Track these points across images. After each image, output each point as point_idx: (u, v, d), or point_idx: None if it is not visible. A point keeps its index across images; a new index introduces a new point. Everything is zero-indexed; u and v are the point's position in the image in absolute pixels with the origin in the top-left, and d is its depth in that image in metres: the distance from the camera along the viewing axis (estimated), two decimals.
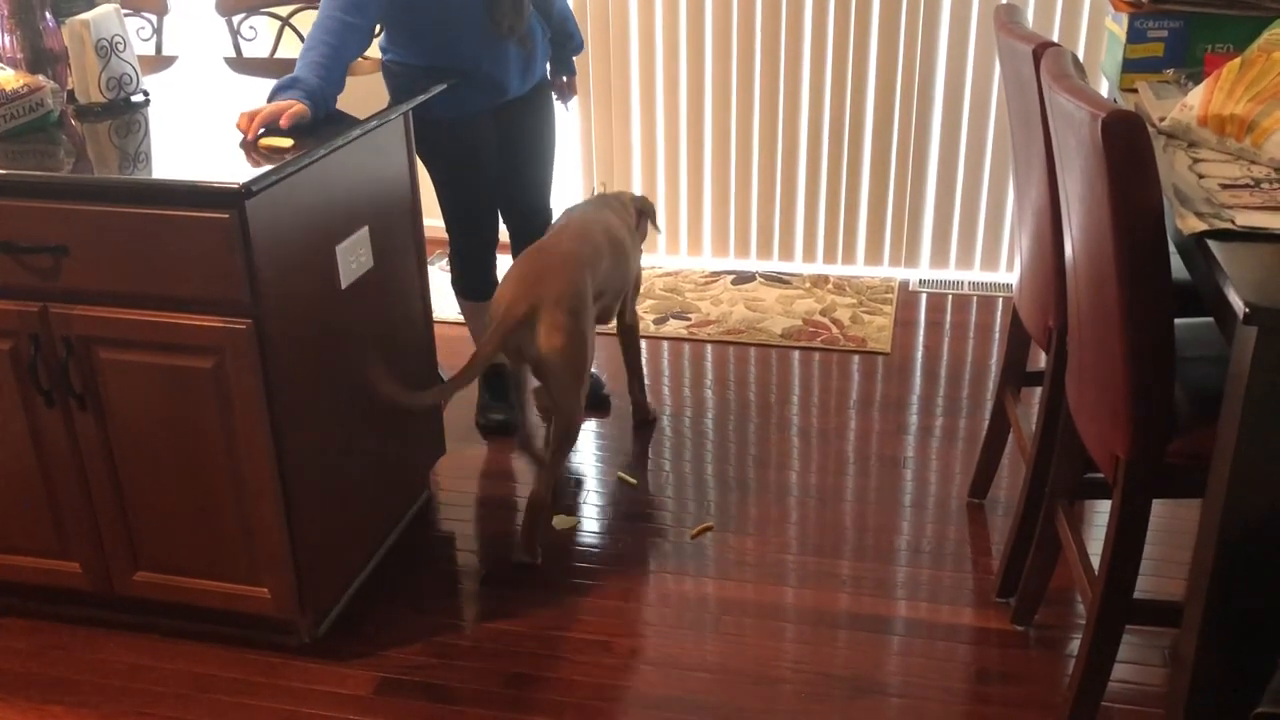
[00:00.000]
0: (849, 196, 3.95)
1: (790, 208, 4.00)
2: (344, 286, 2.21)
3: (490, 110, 2.74)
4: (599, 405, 3.16)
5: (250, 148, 2.03)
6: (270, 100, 2.15)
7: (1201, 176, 1.81)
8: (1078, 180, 1.67)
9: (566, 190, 4.20)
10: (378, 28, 2.68)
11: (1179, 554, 2.47)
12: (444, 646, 2.28)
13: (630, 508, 2.73)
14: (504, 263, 3.01)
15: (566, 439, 2.50)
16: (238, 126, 2.09)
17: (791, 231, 4.03)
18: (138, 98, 2.35)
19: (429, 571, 2.52)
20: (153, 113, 2.30)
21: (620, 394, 3.24)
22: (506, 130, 2.81)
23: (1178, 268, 1.66)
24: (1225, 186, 1.75)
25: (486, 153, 2.78)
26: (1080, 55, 3.62)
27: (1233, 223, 1.59)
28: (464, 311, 3.05)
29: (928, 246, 3.98)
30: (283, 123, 2.07)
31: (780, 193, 3.99)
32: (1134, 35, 2.35)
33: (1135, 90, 2.33)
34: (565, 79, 3.04)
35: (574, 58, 3.04)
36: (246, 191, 1.86)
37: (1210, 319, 1.92)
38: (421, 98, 2.42)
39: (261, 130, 2.06)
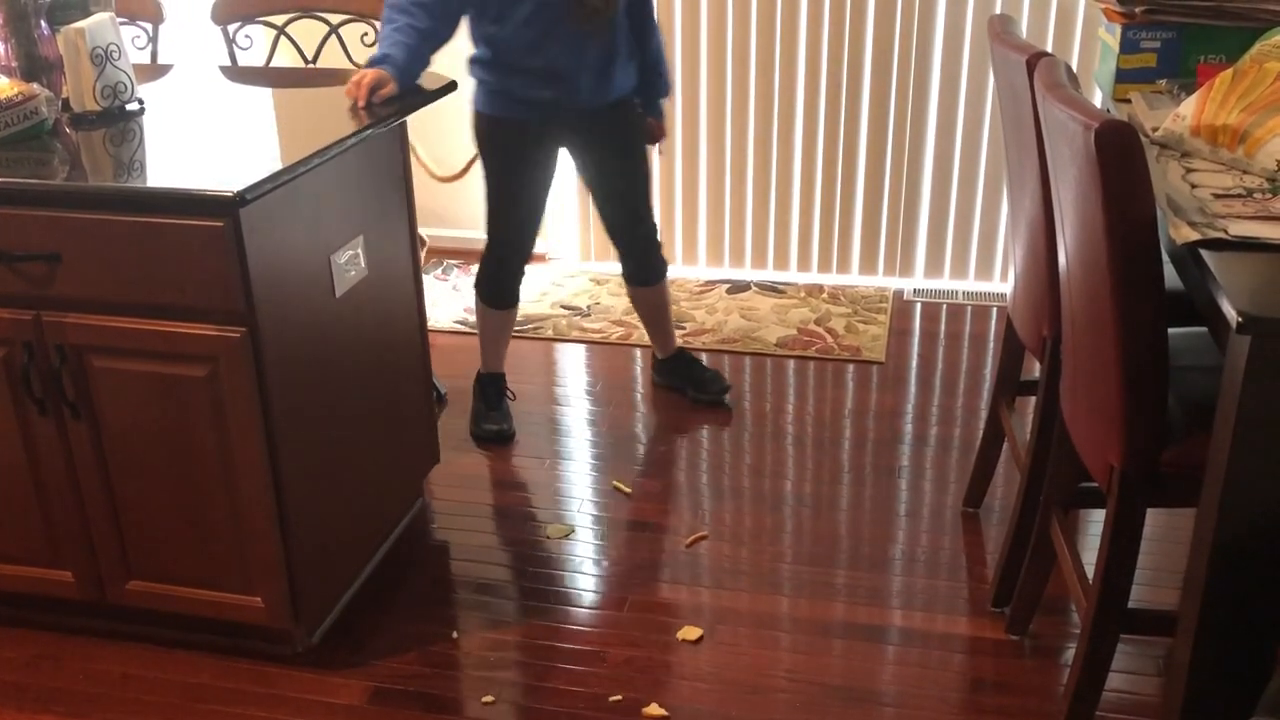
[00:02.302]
0: (843, 206, 3.96)
1: (785, 217, 4.01)
2: (339, 295, 2.21)
3: (561, 120, 2.72)
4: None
5: (363, 109, 2.31)
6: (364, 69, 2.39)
7: (1194, 186, 1.82)
8: (1071, 190, 1.67)
9: (565, 204, 4.21)
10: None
11: (1174, 563, 2.47)
12: (438, 656, 2.28)
13: (625, 516, 2.73)
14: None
15: None
16: (348, 94, 2.35)
17: (786, 241, 4.04)
18: (133, 106, 2.35)
19: (423, 580, 2.51)
20: (148, 121, 2.30)
21: (614, 401, 3.24)
22: (588, 147, 2.81)
23: (1171, 277, 1.66)
24: (1218, 196, 1.76)
25: (540, 162, 2.77)
26: (1074, 65, 3.63)
27: (1226, 232, 1.59)
28: (479, 316, 3.03)
29: (922, 256, 3.98)
30: (375, 98, 2.32)
31: (775, 202, 3.99)
32: (1127, 46, 2.36)
33: (1129, 100, 2.33)
34: (651, 120, 2.99)
35: (661, 100, 2.99)
36: (240, 200, 1.85)
37: (1204, 328, 1.92)
38: (419, 103, 2.41)
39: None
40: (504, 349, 3.10)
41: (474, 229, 4.31)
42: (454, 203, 4.28)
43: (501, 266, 2.92)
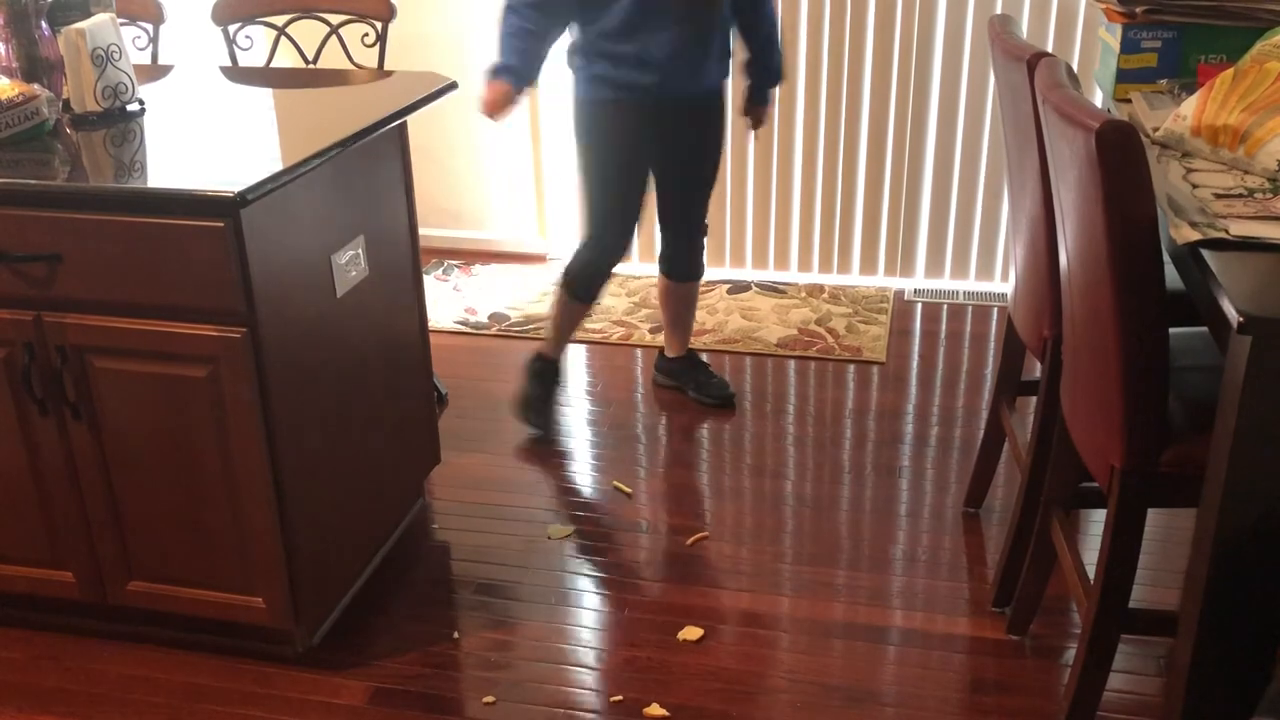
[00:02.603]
0: (844, 206, 3.96)
1: (785, 217, 4.01)
2: (339, 295, 2.21)
3: (650, 107, 2.72)
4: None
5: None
6: (487, 82, 2.64)
7: (1195, 186, 1.82)
8: (1072, 190, 1.67)
9: (566, 204, 4.21)
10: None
11: (1175, 563, 2.47)
12: (438, 656, 2.28)
13: (625, 517, 2.73)
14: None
15: None
16: (484, 112, 2.63)
17: (787, 241, 4.04)
18: (133, 106, 2.35)
19: (424, 581, 2.51)
20: (148, 122, 2.30)
21: (615, 401, 3.24)
22: (669, 136, 2.80)
23: (1172, 277, 1.66)
24: (1219, 196, 1.76)
25: (636, 147, 2.76)
26: (1074, 65, 3.63)
27: (1226, 232, 1.59)
28: (560, 308, 3.00)
29: (923, 256, 3.98)
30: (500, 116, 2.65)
31: (775, 202, 3.99)
32: (1128, 45, 2.36)
33: (1129, 100, 2.33)
34: (758, 106, 2.98)
35: (770, 88, 2.97)
36: (241, 200, 1.86)
37: (1204, 328, 1.92)
38: (416, 102, 2.41)
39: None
40: (570, 341, 3.11)
41: (474, 229, 4.32)
42: (454, 203, 4.28)
43: (599, 263, 2.88)
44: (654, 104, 2.73)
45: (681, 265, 3.06)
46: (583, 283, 2.93)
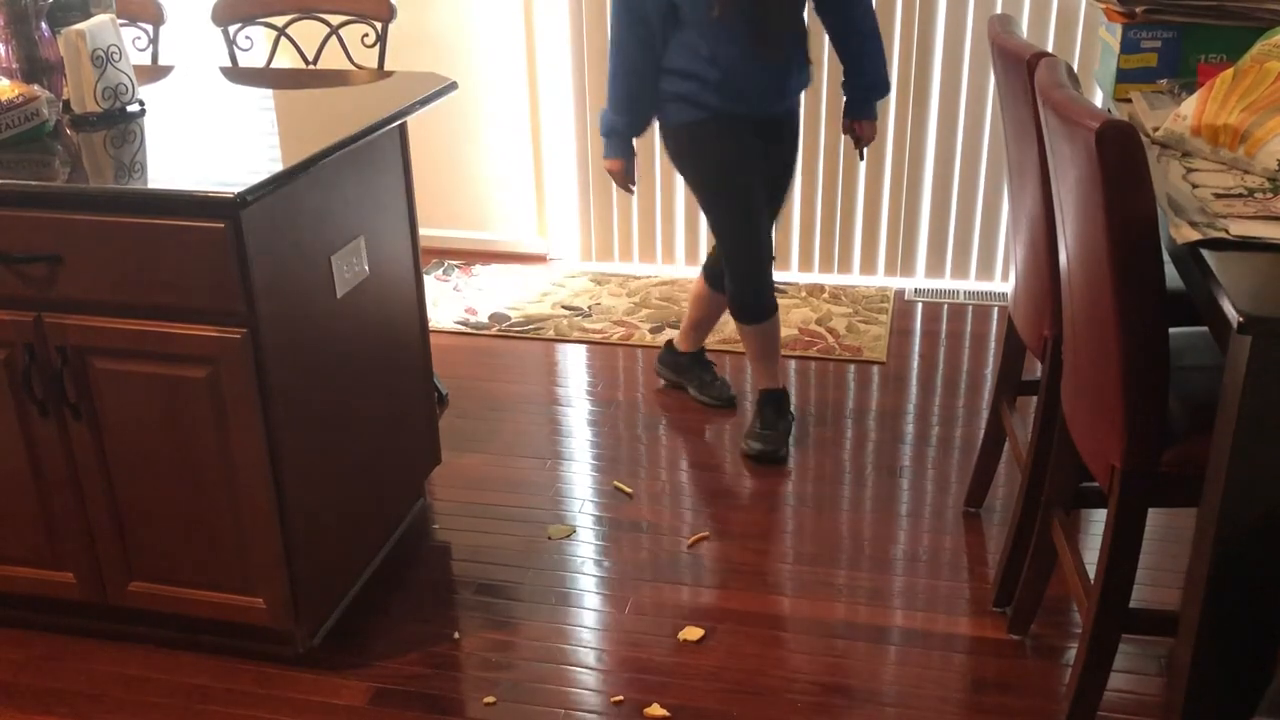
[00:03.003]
0: (844, 205, 3.96)
1: (786, 216, 4.01)
2: (340, 296, 2.21)
3: (731, 125, 2.70)
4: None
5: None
6: (605, 137, 2.79)
7: (1195, 186, 1.82)
8: (1072, 190, 1.67)
9: (566, 204, 4.21)
10: None
11: (1175, 563, 2.47)
12: (439, 657, 2.28)
13: (626, 517, 2.73)
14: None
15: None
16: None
17: (787, 241, 4.04)
18: (133, 107, 2.35)
19: (424, 581, 2.51)
20: (148, 122, 2.30)
21: (615, 401, 3.24)
22: (751, 151, 2.75)
23: (1172, 277, 1.66)
24: (1219, 196, 1.76)
25: (740, 148, 2.71)
26: (1074, 65, 3.63)
27: (1227, 232, 1.59)
28: (748, 339, 2.91)
29: (923, 256, 3.98)
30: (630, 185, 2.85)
31: None
32: (1128, 45, 2.36)
33: (1129, 100, 2.33)
34: (859, 122, 2.90)
35: (876, 100, 2.88)
36: (241, 201, 1.86)
37: (1205, 328, 1.92)
38: (416, 102, 2.41)
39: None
40: (778, 358, 2.97)
41: (474, 229, 4.32)
42: (454, 203, 4.28)
43: (751, 274, 2.78)
44: (733, 123, 2.71)
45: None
46: (748, 304, 2.82)
